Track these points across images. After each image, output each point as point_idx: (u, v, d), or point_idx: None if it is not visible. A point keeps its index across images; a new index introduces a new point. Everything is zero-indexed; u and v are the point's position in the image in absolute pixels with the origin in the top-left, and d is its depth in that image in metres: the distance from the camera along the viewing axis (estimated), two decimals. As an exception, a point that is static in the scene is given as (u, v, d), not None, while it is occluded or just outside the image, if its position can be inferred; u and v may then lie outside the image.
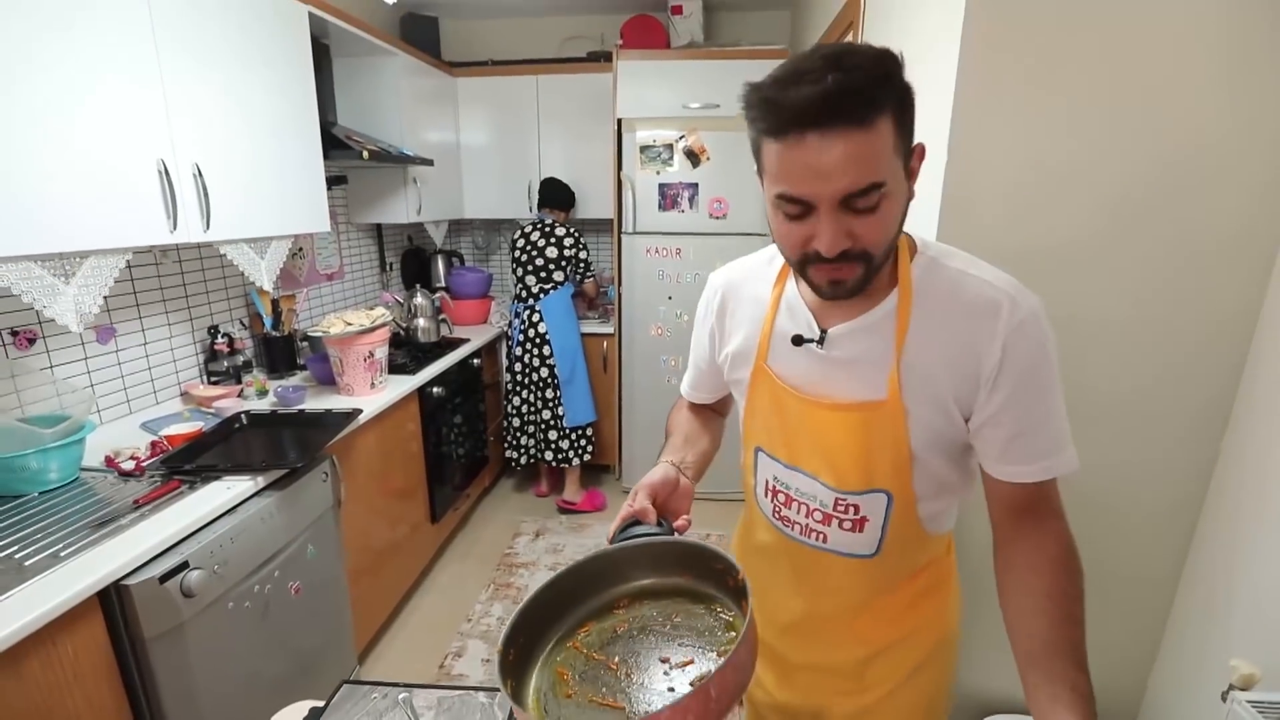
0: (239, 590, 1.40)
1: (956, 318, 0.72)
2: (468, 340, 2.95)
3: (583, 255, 3.01)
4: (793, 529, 0.87)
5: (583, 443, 3.16)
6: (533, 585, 2.37)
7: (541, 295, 2.99)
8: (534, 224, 3.02)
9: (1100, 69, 1.11)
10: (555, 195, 3.04)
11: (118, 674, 1.17)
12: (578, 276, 3.07)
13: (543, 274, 2.98)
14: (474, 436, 3.05)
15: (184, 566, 1.25)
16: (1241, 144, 1.13)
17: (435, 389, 2.52)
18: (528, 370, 3.06)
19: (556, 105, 3.32)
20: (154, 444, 1.63)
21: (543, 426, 3.11)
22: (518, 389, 3.14)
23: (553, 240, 2.96)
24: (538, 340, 3.01)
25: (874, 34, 1.71)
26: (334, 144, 2.28)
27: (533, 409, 3.12)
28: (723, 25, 3.40)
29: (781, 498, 0.87)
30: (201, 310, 2.13)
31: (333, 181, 2.71)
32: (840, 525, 0.82)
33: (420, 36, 3.21)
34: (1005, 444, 0.73)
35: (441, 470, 2.64)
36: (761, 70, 0.68)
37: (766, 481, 0.89)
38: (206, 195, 1.63)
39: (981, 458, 0.76)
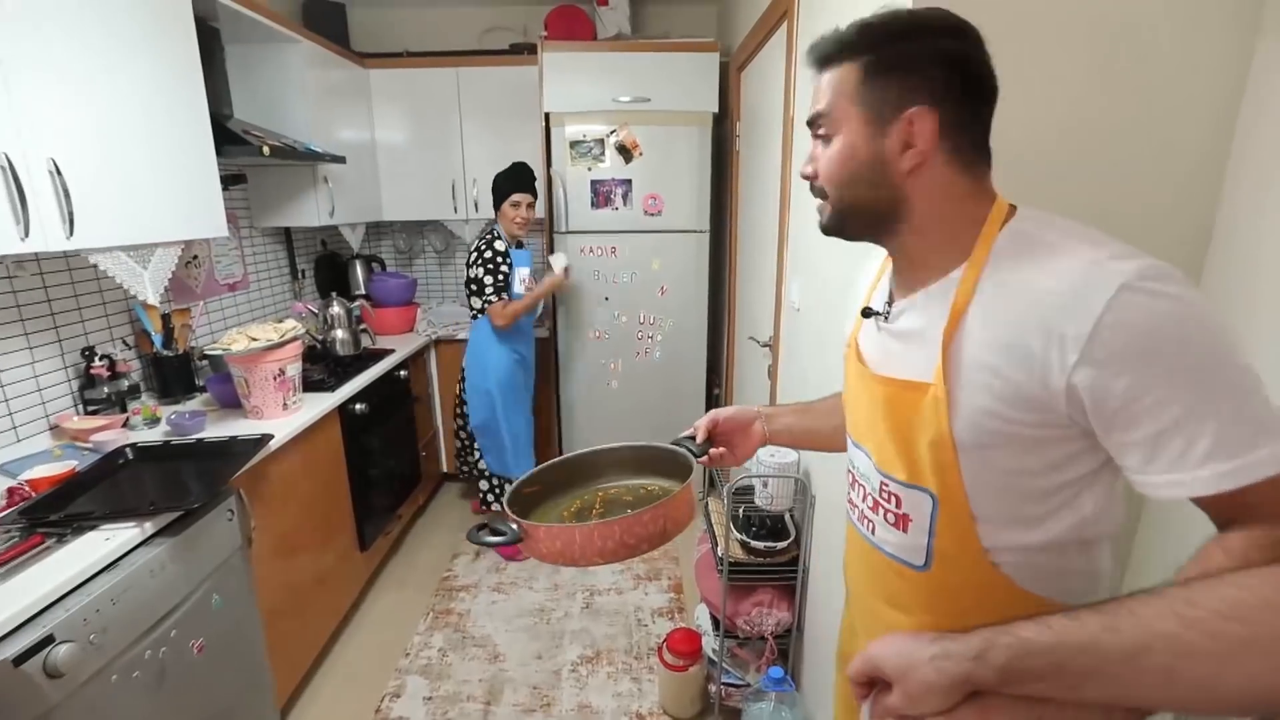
0: (125, 660, 1.19)
1: (1035, 294, 0.60)
2: (392, 351, 2.75)
3: (476, 273, 2.52)
4: (854, 513, 0.84)
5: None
6: (474, 609, 2.24)
7: (471, 324, 2.70)
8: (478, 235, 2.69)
9: (1035, 52, 1.08)
10: (494, 192, 2.63)
11: (-37, 783, 0.95)
12: (481, 302, 2.56)
13: (465, 294, 2.65)
14: (405, 453, 2.85)
15: (48, 641, 1.04)
16: (1182, 120, 1.13)
17: (358, 405, 2.31)
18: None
19: (479, 99, 3.14)
20: (11, 491, 1.38)
21: (475, 455, 2.85)
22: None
23: (473, 257, 2.57)
24: (461, 373, 2.78)
25: (808, 23, 1.66)
26: (229, 139, 2.04)
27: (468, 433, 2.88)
28: (650, 18, 3.32)
29: (850, 477, 0.84)
30: (73, 330, 1.85)
31: (230, 181, 2.45)
32: (885, 517, 0.76)
33: (326, 24, 2.96)
34: (1148, 449, 0.55)
35: (369, 493, 2.43)
36: (691, 63, 0.66)
37: (849, 466, 0.85)
38: (67, 196, 1.40)
39: (1130, 474, 0.58)
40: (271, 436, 1.73)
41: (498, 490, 2.82)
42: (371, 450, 2.44)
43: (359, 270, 3.33)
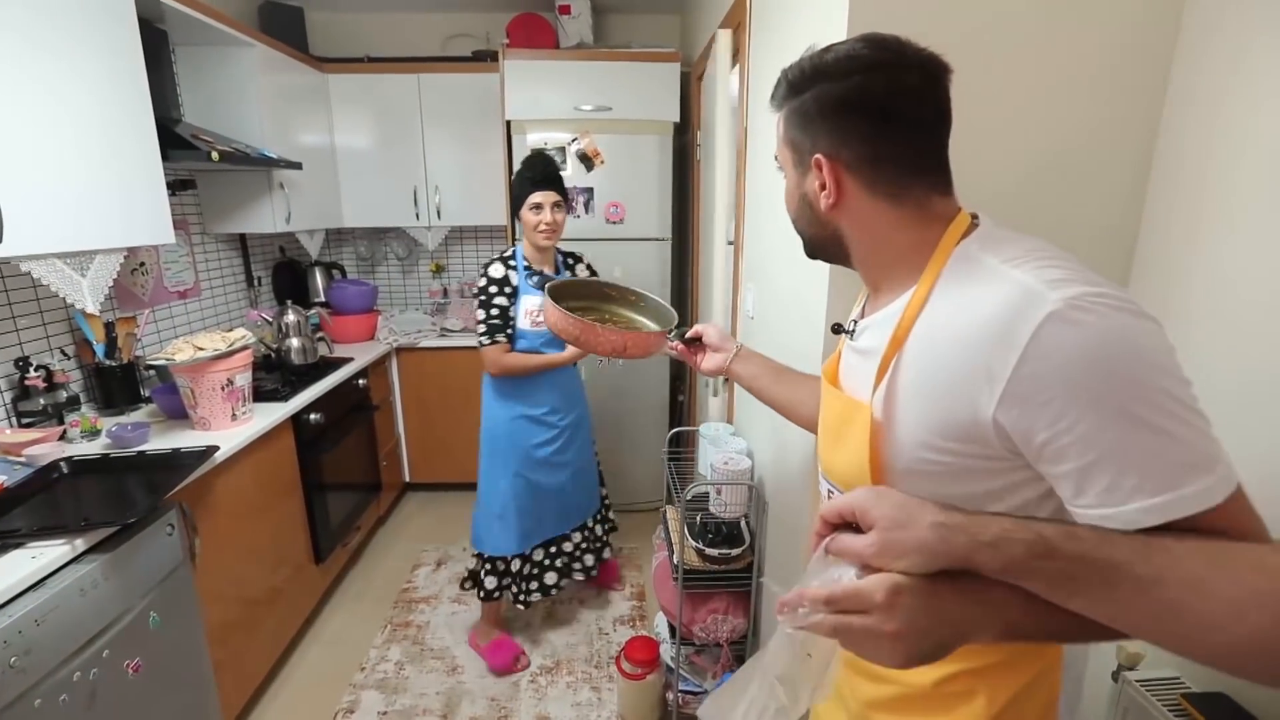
0: (51, 682, 1.15)
1: (965, 324, 0.58)
2: (351, 359, 2.70)
3: (474, 304, 2.00)
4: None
5: (497, 578, 2.12)
6: (434, 620, 2.17)
7: None
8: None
9: (980, 71, 1.12)
10: (512, 196, 2.04)
11: None
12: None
13: None
14: (364, 463, 2.80)
15: (-36, 665, 1.00)
16: (1107, 146, 1.18)
17: (313, 415, 2.27)
18: None
19: (441, 106, 3.12)
20: (-65, 508, 1.32)
21: None
22: None
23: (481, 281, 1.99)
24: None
25: (761, 35, 1.69)
26: (177, 143, 2.00)
27: None
28: (612, 27, 3.34)
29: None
30: (6, 339, 1.78)
31: (179, 186, 2.40)
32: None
33: (283, 28, 2.91)
34: (1076, 482, 0.53)
35: (326, 505, 2.38)
36: (653, 73, 0.67)
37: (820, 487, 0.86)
38: (-4, 201, 1.35)
39: (1065, 502, 0.56)
40: (217, 448, 1.69)
41: (481, 573, 2.13)
42: (328, 461, 2.39)
43: (319, 277, 3.28)
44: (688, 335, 1.16)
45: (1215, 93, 1.10)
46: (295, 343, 2.49)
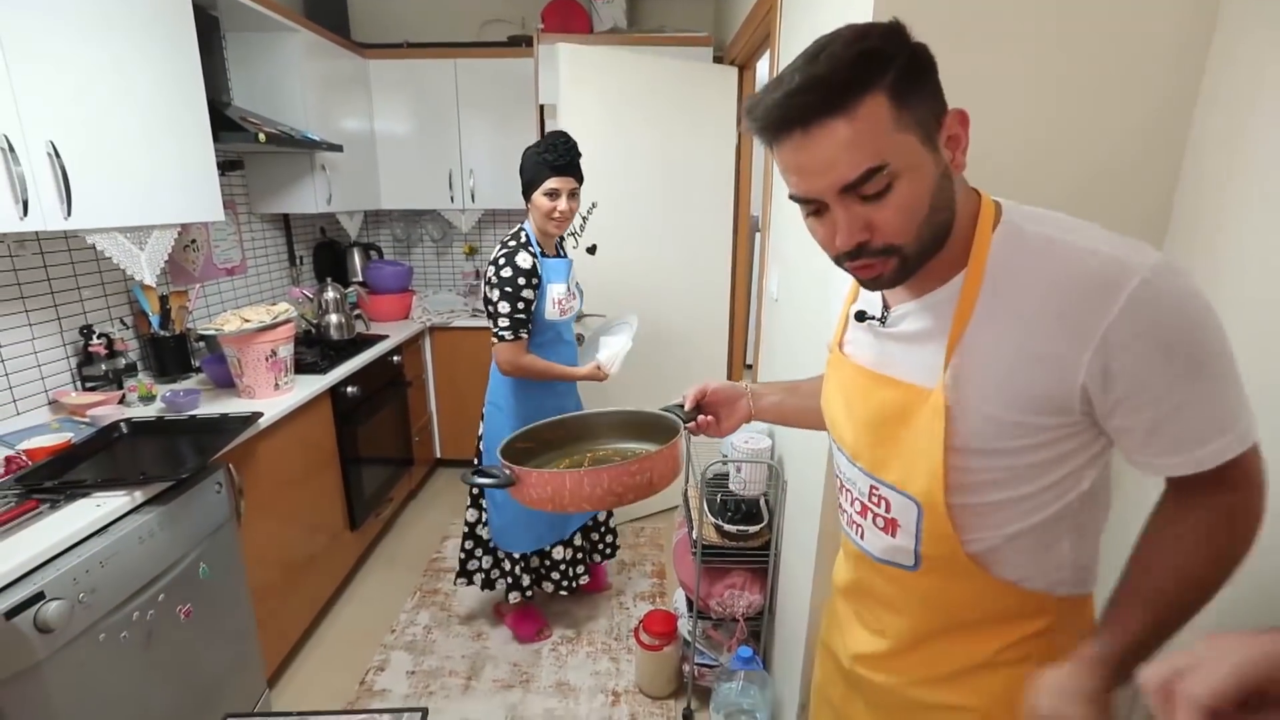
0: (113, 620, 1.25)
1: (1043, 297, 0.60)
2: (386, 336, 2.80)
3: (491, 294, 1.83)
4: (844, 517, 0.84)
5: (521, 573, 2.09)
6: (460, 590, 2.23)
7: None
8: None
9: (1019, 43, 1.12)
10: (521, 177, 1.87)
11: (-44, 727, 1.01)
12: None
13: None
14: (397, 437, 2.90)
15: (39, 598, 1.09)
16: (1137, 148, 1.16)
17: (350, 388, 2.37)
18: None
19: (477, 91, 3.18)
20: (9, 459, 1.44)
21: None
22: None
23: (489, 264, 1.86)
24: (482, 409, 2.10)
25: (792, 15, 1.69)
26: (227, 125, 2.09)
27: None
28: (646, 12, 3.35)
29: (838, 482, 0.84)
30: (72, 309, 1.90)
31: (227, 167, 2.51)
32: (874, 521, 0.76)
33: (326, 14, 3.00)
34: (1144, 436, 0.61)
35: (360, 475, 2.48)
36: (686, 56, 0.65)
37: (836, 472, 0.85)
38: (66, 177, 1.45)
39: (1122, 451, 0.65)
40: (261, 414, 1.78)
41: (496, 571, 2.12)
42: (363, 433, 2.49)
43: (356, 258, 3.39)
44: (688, 408, 0.98)
45: (1244, 98, 1.07)
46: (334, 319, 2.59)
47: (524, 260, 1.79)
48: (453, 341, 3.27)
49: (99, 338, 1.93)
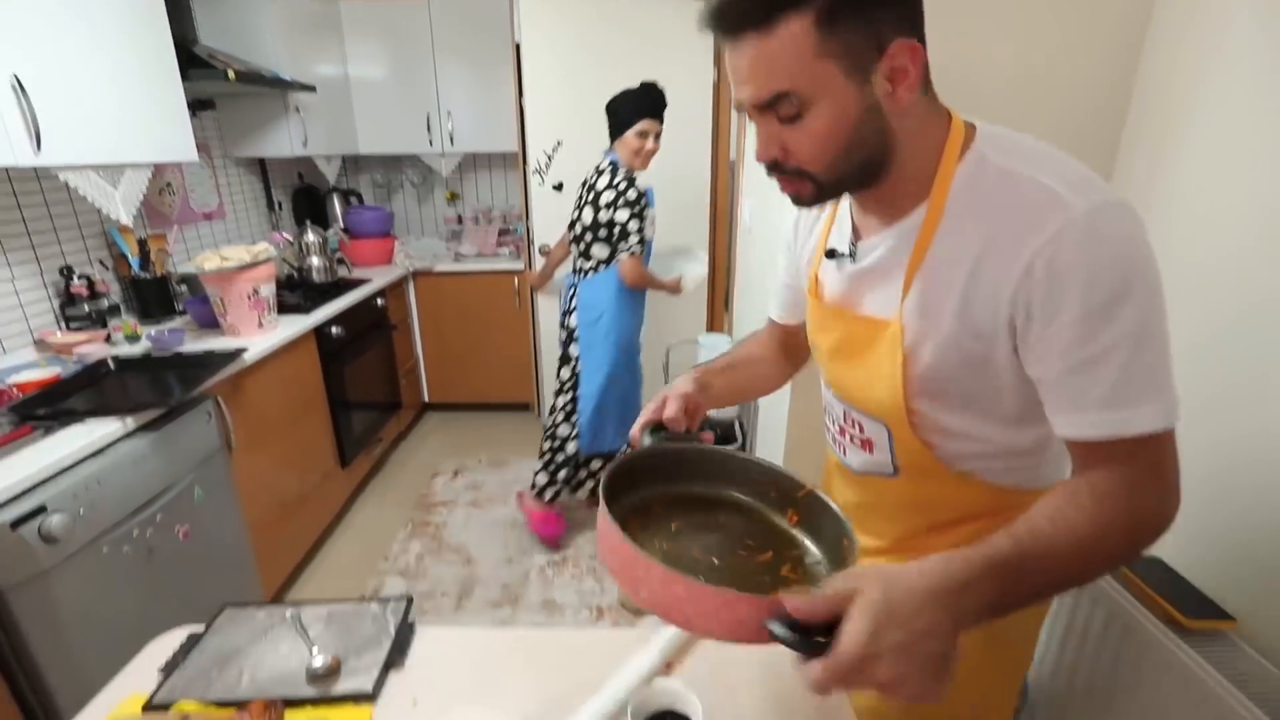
0: (114, 535, 1.32)
1: (991, 226, 0.59)
2: (369, 281, 2.81)
3: (618, 216, 2.04)
4: (828, 435, 0.87)
5: (574, 471, 2.38)
6: (451, 522, 2.27)
7: (581, 276, 2.23)
8: (595, 168, 2.14)
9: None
10: (613, 117, 2.08)
11: (-27, 627, 1.09)
12: (611, 251, 2.12)
13: (580, 245, 2.17)
14: (384, 379, 2.95)
15: (41, 510, 1.15)
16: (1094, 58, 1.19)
17: (334, 329, 2.40)
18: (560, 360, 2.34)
19: (452, 32, 3.11)
20: (0, 392, 1.48)
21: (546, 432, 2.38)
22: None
23: (591, 196, 2.09)
24: (566, 334, 2.28)
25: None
26: (195, 63, 2.06)
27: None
28: (623, -58, 3.25)
29: (824, 405, 0.87)
30: (50, 250, 1.91)
31: (199, 107, 2.47)
32: (852, 440, 0.80)
33: (291, -53, 2.90)
34: (1054, 386, 0.59)
35: (349, 414, 2.54)
36: None
37: (824, 395, 0.87)
38: (33, 111, 1.44)
39: (1047, 411, 0.62)
40: (246, 349, 1.82)
41: (574, 478, 2.41)
42: (349, 373, 2.54)
43: (336, 203, 3.37)
44: (687, 426, 0.81)
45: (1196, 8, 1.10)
46: (315, 261, 2.60)
47: (639, 185, 2.08)
48: (437, 286, 3.29)
49: (80, 279, 1.95)
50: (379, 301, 2.87)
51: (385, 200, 3.73)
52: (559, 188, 2.60)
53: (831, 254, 0.75)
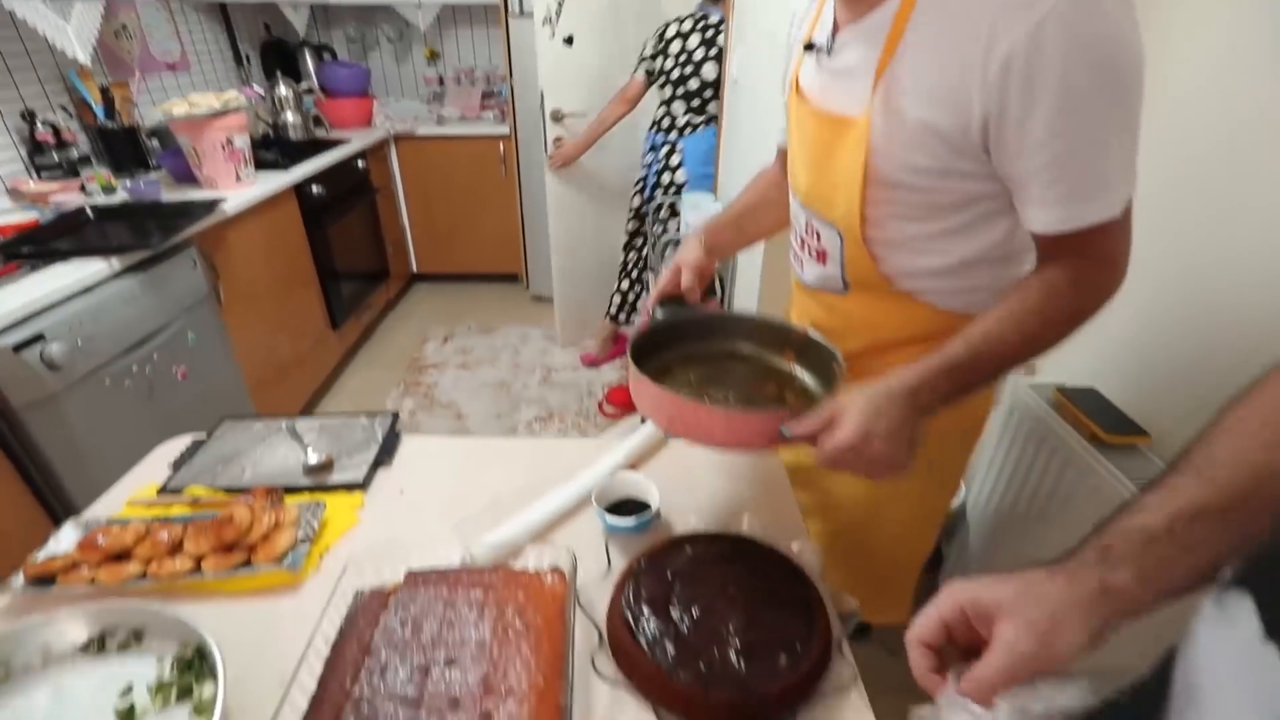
0: (114, 368, 1.38)
1: (964, 20, 0.57)
2: (348, 140, 2.72)
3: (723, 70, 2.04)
4: (791, 254, 0.89)
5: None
6: (442, 382, 2.37)
7: (687, 130, 2.22)
8: (694, 20, 2.11)
9: None
10: None
11: (-8, 440, 1.17)
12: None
13: (695, 101, 2.17)
14: (370, 245, 2.94)
15: (40, 338, 1.20)
16: None
17: (315, 187, 2.36)
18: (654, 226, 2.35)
19: None
20: (-18, 233, 1.48)
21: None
22: (633, 244, 2.54)
23: (714, 51, 2.08)
24: (652, 190, 2.32)
25: None
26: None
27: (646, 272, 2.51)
28: None
29: (791, 223, 0.88)
30: (7, 93, 1.83)
31: (146, -64, 2.27)
32: (808, 253, 0.81)
33: None
34: (1027, 181, 0.60)
35: (337, 277, 2.56)
36: None
37: (790, 212, 0.87)
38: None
39: (1016, 202, 0.64)
40: (225, 199, 1.81)
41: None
42: (334, 234, 2.53)
43: (308, 59, 3.18)
44: (701, 294, 0.87)
45: None
46: (291, 117, 2.51)
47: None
48: (419, 151, 3.19)
49: (45, 125, 1.88)
50: (360, 164, 2.79)
51: (361, 58, 3.52)
52: (570, 41, 2.44)
53: (810, 47, 0.74)
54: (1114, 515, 0.43)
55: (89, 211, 1.70)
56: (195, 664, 0.61)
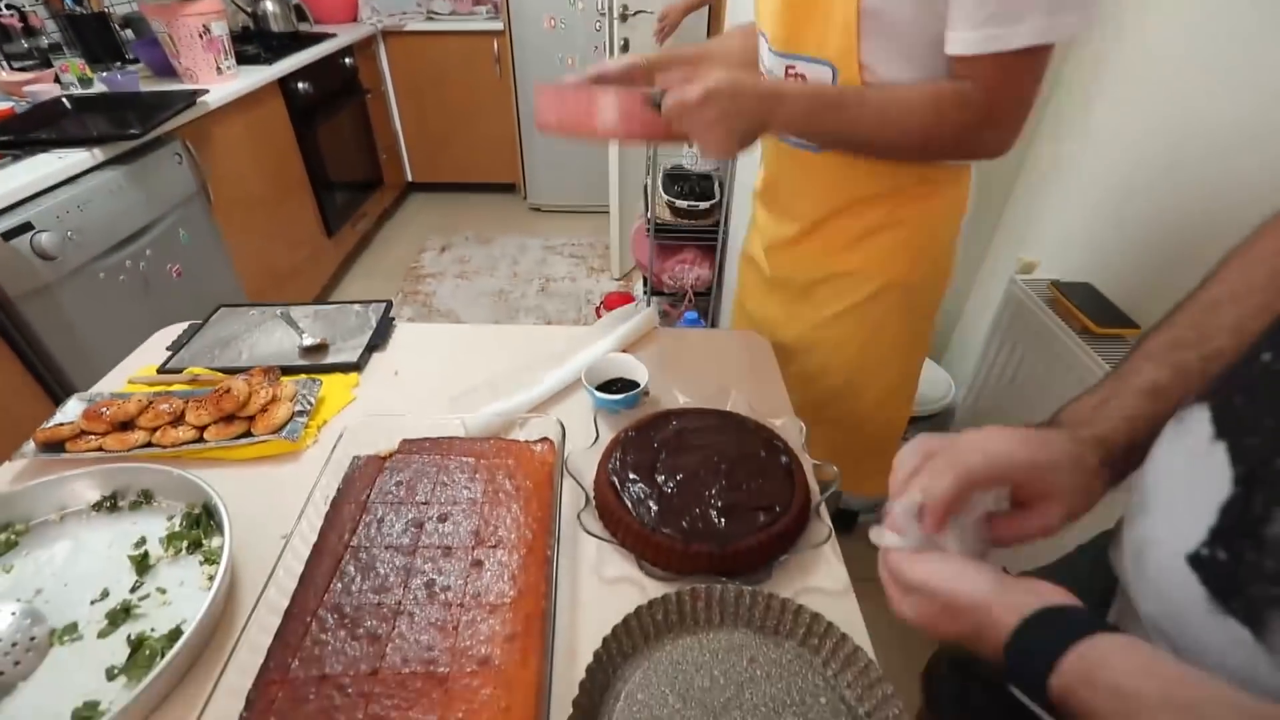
0: (107, 262, 1.38)
1: None
2: (334, 35, 2.58)
3: None
4: None
5: None
6: (440, 291, 2.39)
7: None
8: None
9: None
10: None
11: (-10, 329, 1.18)
12: None
13: None
14: (362, 149, 2.86)
15: (29, 227, 1.19)
16: None
17: (301, 84, 2.26)
18: None
19: None
20: (-43, 123, 1.44)
21: None
22: None
23: None
24: None
25: None
26: None
27: None
28: None
29: (760, 72, 0.86)
30: (-32, -30, 1.73)
31: None
32: None
33: None
34: (958, 2, 0.62)
35: (329, 181, 2.50)
36: None
37: (761, 70, 0.86)
38: None
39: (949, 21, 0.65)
40: (207, 90, 1.74)
41: None
42: (324, 135, 2.45)
43: (285, -58, 2.97)
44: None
45: None
46: (271, 6, 2.37)
47: None
48: (410, 49, 3.04)
49: (9, 9, 1.78)
50: (347, 61, 2.66)
51: (342, -57, 3.28)
52: None
53: None
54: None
55: (66, 102, 1.64)
56: (203, 520, 0.65)
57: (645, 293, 2.03)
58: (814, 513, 0.67)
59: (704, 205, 1.78)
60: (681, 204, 1.77)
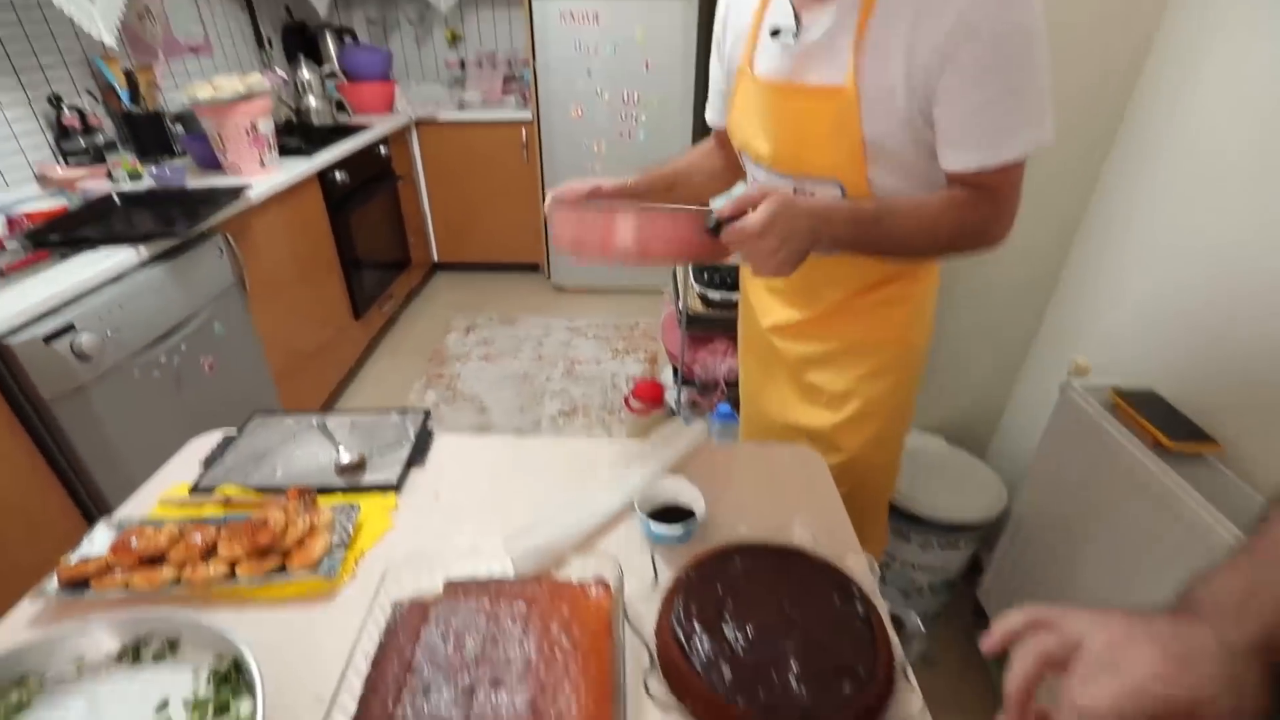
0: (143, 359, 1.37)
1: None
2: (370, 126, 2.69)
3: None
4: None
5: None
6: (464, 374, 2.38)
7: None
8: None
9: None
10: None
11: (22, 432, 1.16)
12: None
13: None
14: (392, 233, 2.92)
15: (70, 329, 1.19)
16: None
17: (338, 174, 2.33)
18: None
19: None
20: (11, 222, 1.47)
21: None
22: None
23: None
24: None
25: None
26: None
27: None
28: None
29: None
30: (34, 77, 1.82)
31: (170, -82, 2.24)
32: None
33: None
34: (951, 125, 0.70)
35: (359, 265, 2.54)
36: None
37: (750, 181, 0.93)
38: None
39: (937, 146, 0.73)
40: (249, 186, 1.79)
41: None
42: (356, 221, 2.50)
43: (330, 41, 3.14)
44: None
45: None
46: (314, 103, 2.48)
47: None
48: (441, 137, 3.15)
49: (71, 110, 1.87)
50: (382, 150, 2.76)
51: (381, 41, 3.48)
52: None
53: (775, 32, 0.78)
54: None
55: (116, 198, 1.69)
56: (232, 677, 0.59)
57: (676, 383, 1.99)
58: (901, 675, 0.60)
59: (737, 296, 1.76)
60: (714, 295, 1.76)
